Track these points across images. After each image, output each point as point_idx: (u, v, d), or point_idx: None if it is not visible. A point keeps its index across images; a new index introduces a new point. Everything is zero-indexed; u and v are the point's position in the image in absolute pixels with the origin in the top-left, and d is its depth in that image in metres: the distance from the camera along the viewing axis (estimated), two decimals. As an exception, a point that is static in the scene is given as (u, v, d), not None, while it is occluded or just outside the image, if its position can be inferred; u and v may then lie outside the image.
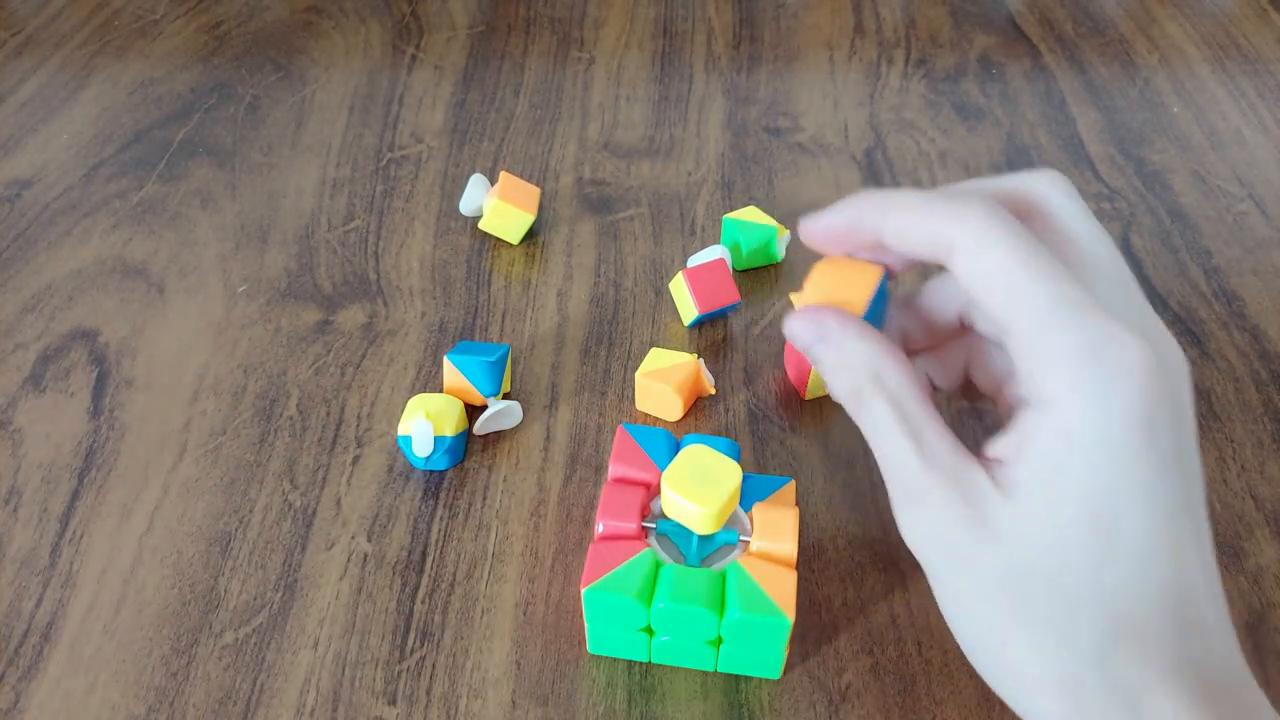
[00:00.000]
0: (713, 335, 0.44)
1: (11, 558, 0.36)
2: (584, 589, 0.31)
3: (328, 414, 0.41)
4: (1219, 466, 0.39)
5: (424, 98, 0.57)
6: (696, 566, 0.31)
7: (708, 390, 0.41)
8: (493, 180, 0.51)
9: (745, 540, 0.32)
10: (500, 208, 0.46)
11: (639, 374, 0.40)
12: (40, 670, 0.33)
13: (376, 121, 0.55)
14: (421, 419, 0.37)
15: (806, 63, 0.60)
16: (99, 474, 0.39)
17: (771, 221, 0.46)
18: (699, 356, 0.41)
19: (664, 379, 0.39)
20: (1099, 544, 0.23)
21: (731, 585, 0.30)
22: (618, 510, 0.32)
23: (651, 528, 0.32)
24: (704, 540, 0.32)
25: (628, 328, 0.44)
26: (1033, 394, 0.25)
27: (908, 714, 0.32)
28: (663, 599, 0.30)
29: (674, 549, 0.32)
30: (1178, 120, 0.56)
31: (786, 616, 0.30)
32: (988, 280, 0.25)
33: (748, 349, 0.43)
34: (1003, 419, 0.30)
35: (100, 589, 0.35)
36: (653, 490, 0.33)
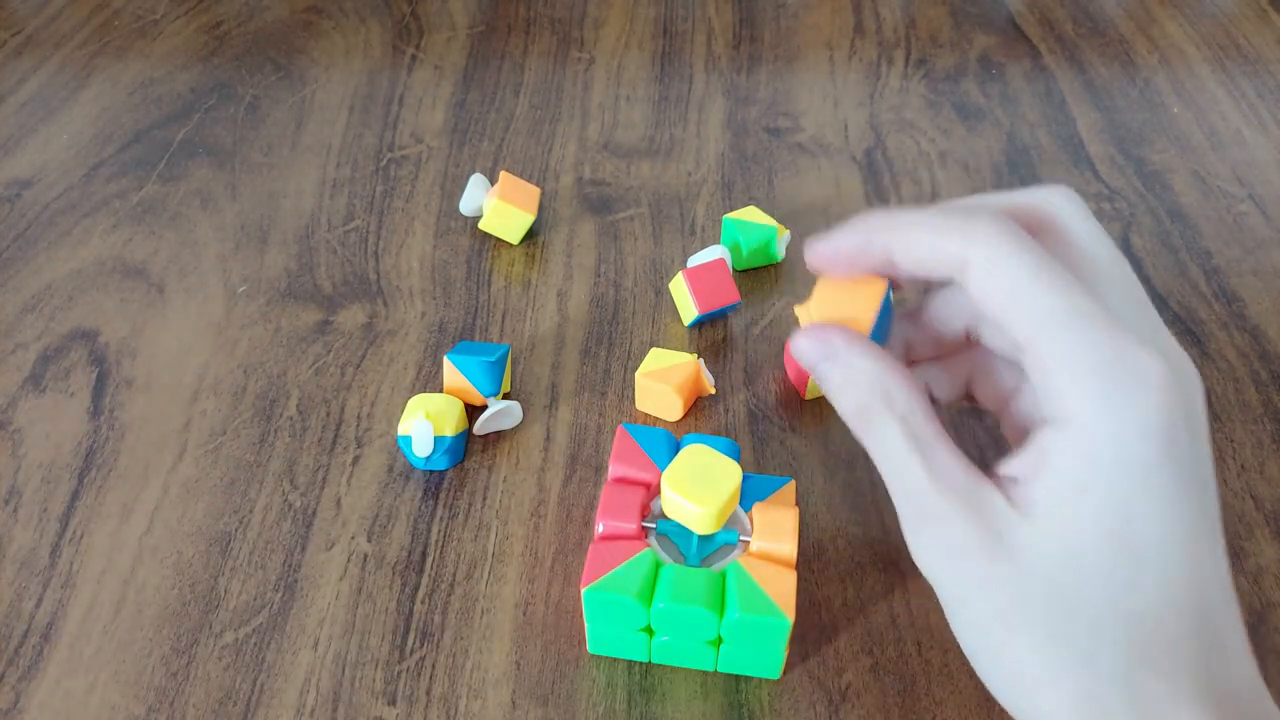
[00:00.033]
0: (713, 335, 0.44)
1: (11, 558, 0.36)
2: (584, 589, 0.31)
3: (328, 414, 0.41)
4: (1219, 466, 0.39)
5: (424, 98, 0.57)
6: (696, 566, 0.31)
7: (708, 390, 0.41)
8: (493, 180, 0.51)
9: (745, 540, 0.32)
10: (500, 208, 0.46)
11: (639, 374, 0.40)
12: (40, 670, 0.33)
13: (376, 121, 0.55)
14: (421, 419, 0.37)
15: (806, 63, 0.60)
16: (99, 474, 0.39)
17: (771, 221, 0.46)
18: (699, 356, 0.41)
19: (664, 379, 0.39)
20: (1122, 562, 0.23)
21: (731, 585, 0.30)
22: (618, 510, 0.32)
23: (651, 528, 0.32)
24: (704, 540, 0.32)
25: (628, 328, 0.44)
26: (1050, 411, 0.24)
27: (908, 714, 0.32)
28: (663, 599, 0.30)
29: (674, 549, 0.32)
30: (1178, 120, 0.56)
31: (786, 616, 0.30)
32: (1003, 297, 0.25)
33: (748, 349, 0.43)
34: (1009, 435, 0.29)
35: (100, 589, 0.35)
36: (653, 490, 0.33)
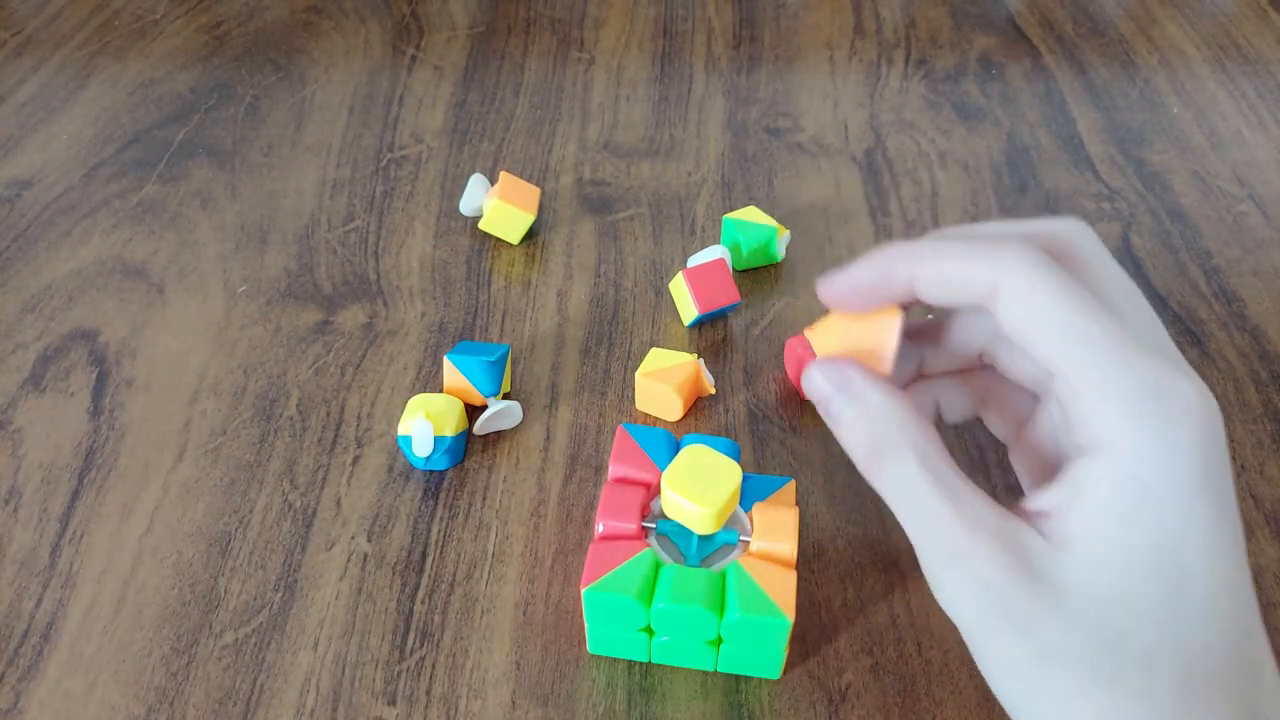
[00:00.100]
0: (713, 335, 0.44)
1: (11, 558, 0.36)
2: (584, 589, 0.31)
3: (328, 414, 0.41)
4: (1219, 466, 0.39)
5: (424, 98, 0.57)
6: (696, 566, 0.31)
7: (708, 390, 0.41)
8: (493, 180, 0.51)
9: (745, 540, 0.32)
10: (500, 208, 0.46)
11: (639, 374, 0.40)
12: (40, 670, 0.33)
13: (376, 122, 0.55)
14: (421, 419, 0.37)
15: (806, 63, 0.60)
16: (99, 474, 0.39)
17: (771, 221, 0.46)
18: (699, 356, 0.41)
19: (664, 379, 0.39)
20: (1168, 593, 0.23)
21: (731, 585, 0.30)
22: (618, 510, 0.32)
23: (651, 528, 0.32)
24: (704, 540, 0.32)
25: (628, 328, 0.44)
26: (1084, 439, 0.24)
27: (908, 714, 0.32)
28: (663, 599, 0.30)
29: (674, 549, 0.32)
30: (1178, 120, 0.56)
31: (786, 616, 0.30)
32: (1035, 322, 0.24)
33: (748, 349, 0.43)
34: (1023, 464, 0.29)
35: (100, 589, 0.35)
36: (653, 490, 0.33)
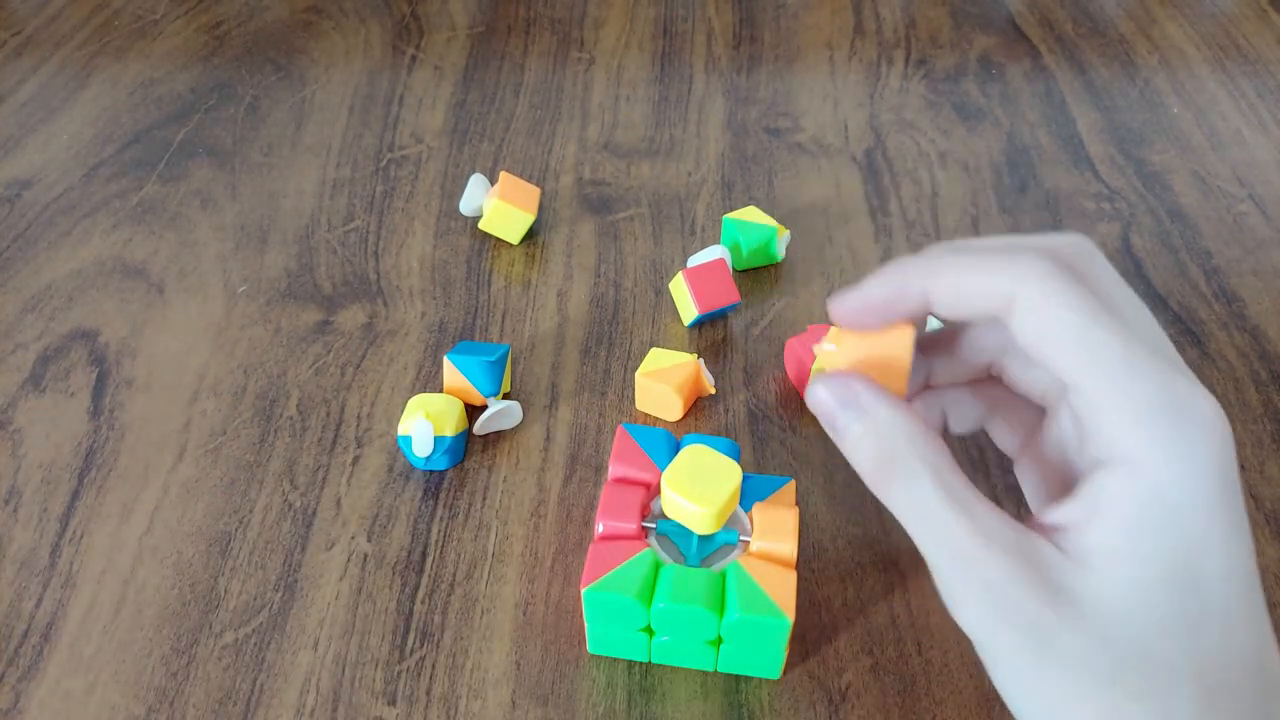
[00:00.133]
0: (713, 335, 0.44)
1: (11, 558, 0.36)
2: (584, 589, 0.31)
3: (328, 414, 0.41)
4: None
5: (424, 98, 0.57)
6: (696, 566, 0.31)
7: (708, 390, 0.41)
8: (493, 180, 0.51)
9: (745, 540, 0.32)
10: (500, 208, 0.46)
11: (639, 374, 0.40)
12: (40, 670, 0.33)
13: (376, 122, 0.55)
14: (421, 419, 0.37)
15: (806, 63, 0.60)
16: (99, 474, 0.39)
17: (771, 221, 0.46)
18: (699, 356, 0.41)
19: (664, 379, 0.39)
20: (1189, 607, 0.23)
21: (731, 585, 0.30)
22: (618, 510, 0.32)
23: (651, 528, 0.32)
24: (704, 540, 0.32)
25: (628, 328, 0.44)
26: (1102, 452, 0.24)
27: (908, 714, 0.32)
28: (663, 599, 0.30)
29: (674, 549, 0.32)
30: (1178, 120, 0.56)
31: (786, 616, 0.30)
32: (1052, 335, 0.24)
33: (748, 349, 0.43)
34: (1030, 477, 0.29)
35: (100, 589, 0.35)
36: (653, 490, 0.33)
